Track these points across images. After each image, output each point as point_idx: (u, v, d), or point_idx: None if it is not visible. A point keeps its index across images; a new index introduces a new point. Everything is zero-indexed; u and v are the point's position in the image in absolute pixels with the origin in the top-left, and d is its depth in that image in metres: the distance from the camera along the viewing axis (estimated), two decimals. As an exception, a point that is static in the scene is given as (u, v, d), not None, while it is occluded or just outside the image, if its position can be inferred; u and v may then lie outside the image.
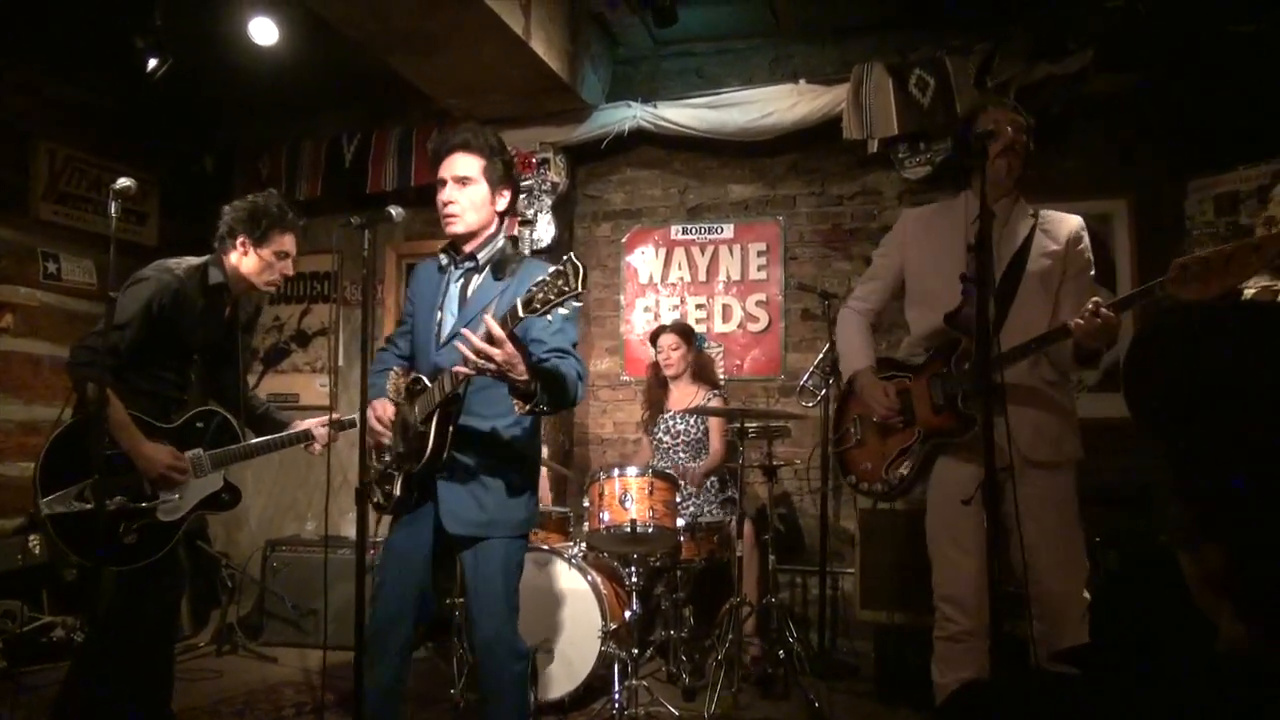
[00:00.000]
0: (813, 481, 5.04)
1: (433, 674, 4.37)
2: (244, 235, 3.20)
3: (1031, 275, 2.85)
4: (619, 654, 3.77)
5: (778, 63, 5.36)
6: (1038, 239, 2.88)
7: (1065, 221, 2.91)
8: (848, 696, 4.04)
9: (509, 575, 2.64)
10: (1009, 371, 2.64)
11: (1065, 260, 2.85)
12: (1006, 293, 2.85)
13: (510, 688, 2.62)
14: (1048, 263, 2.85)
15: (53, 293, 5.45)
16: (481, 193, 2.64)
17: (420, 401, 2.56)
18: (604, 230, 5.72)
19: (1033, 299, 2.83)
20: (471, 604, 2.64)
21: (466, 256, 2.68)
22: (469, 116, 5.50)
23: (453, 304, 2.68)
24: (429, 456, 2.52)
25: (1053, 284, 2.85)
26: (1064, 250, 2.86)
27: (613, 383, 5.64)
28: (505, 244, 2.72)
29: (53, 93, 5.48)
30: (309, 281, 6.20)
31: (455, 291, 2.69)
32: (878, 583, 4.07)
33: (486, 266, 2.67)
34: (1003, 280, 2.85)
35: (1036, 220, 2.90)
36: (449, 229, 2.65)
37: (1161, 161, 4.58)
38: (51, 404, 5.38)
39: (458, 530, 2.60)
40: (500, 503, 2.61)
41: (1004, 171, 2.85)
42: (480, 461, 2.60)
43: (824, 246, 5.28)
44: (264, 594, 5.17)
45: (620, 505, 3.75)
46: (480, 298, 2.62)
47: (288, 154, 6.01)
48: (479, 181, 2.63)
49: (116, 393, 2.90)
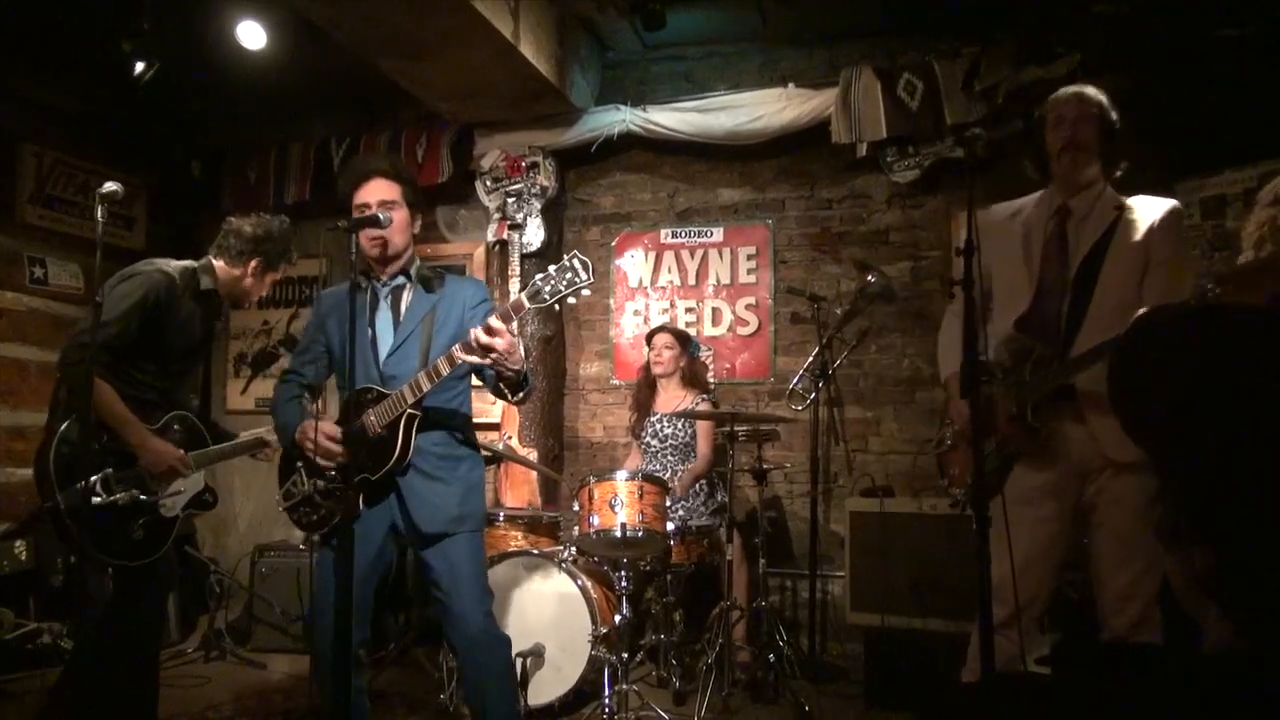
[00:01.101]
0: (802, 485, 5.04)
1: (421, 678, 4.35)
2: (260, 260, 3.27)
3: (1110, 272, 2.69)
4: (609, 658, 3.75)
5: (766, 67, 5.37)
6: (1119, 232, 2.72)
7: (1153, 206, 2.73)
8: (837, 700, 4.04)
9: (481, 567, 2.78)
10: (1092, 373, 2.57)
11: (1149, 249, 2.67)
12: (1084, 292, 2.71)
13: (505, 673, 2.78)
14: (1126, 257, 2.68)
15: (39, 297, 5.41)
16: (403, 216, 2.77)
17: (379, 409, 2.63)
18: (594, 234, 5.72)
19: (1112, 296, 2.67)
20: (453, 601, 2.68)
21: (396, 274, 2.81)
22: (458, 121, 5.51)
23: (385, 318, 2.80)
24: (395, 459, 2.62)
25: (1134, 278, 2.67)
26: (1145, 240, 2.68)
27: (602, 386, 5.63)
28: (421, 263, 2.88)
29: (39, 97, 5.44)
30: (297, 286, 6.18)
31: (386, 307, 2.81)
32: (868, 586, 4.07)
33: (417, 282, 2.81)
34: (1079, 279, 2.73)
35: (1121, 212, 2.74)
36: (379, 252, 2.73)
37: (1148, 164, 4.58)
38: (39, 409, 5.34)
39: (433, 529, 2.67)
40: (465, 498, 2.74)
41: (1068, 168, 2.76)
42: (438, 460, 2.72)
43: (813, 250, 5.29)
44: (252, 599, 5.14)
45: (610, 509, 3.75)
46: (417, 309, 2.77)
47: (276, 158, 5.99)
48: (400, 205, 2.76)
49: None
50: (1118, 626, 2.63)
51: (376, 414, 2.62)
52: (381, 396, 2.64)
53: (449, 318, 2.77)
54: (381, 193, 2.73)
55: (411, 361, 2.70)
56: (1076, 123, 2.75)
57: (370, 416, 2.63)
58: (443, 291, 2.80)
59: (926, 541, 3.90)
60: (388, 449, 2.62)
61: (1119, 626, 2.63)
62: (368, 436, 2.63)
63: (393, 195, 2.74)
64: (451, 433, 2.77)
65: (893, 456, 5.03)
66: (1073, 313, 2.70)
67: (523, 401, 2.77)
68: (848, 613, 4.18)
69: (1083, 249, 2.74)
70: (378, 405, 2.63)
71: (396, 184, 2.76)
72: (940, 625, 3.76)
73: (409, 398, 2.58)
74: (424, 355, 2.69)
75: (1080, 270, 2.72)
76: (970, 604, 2.32)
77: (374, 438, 2.63)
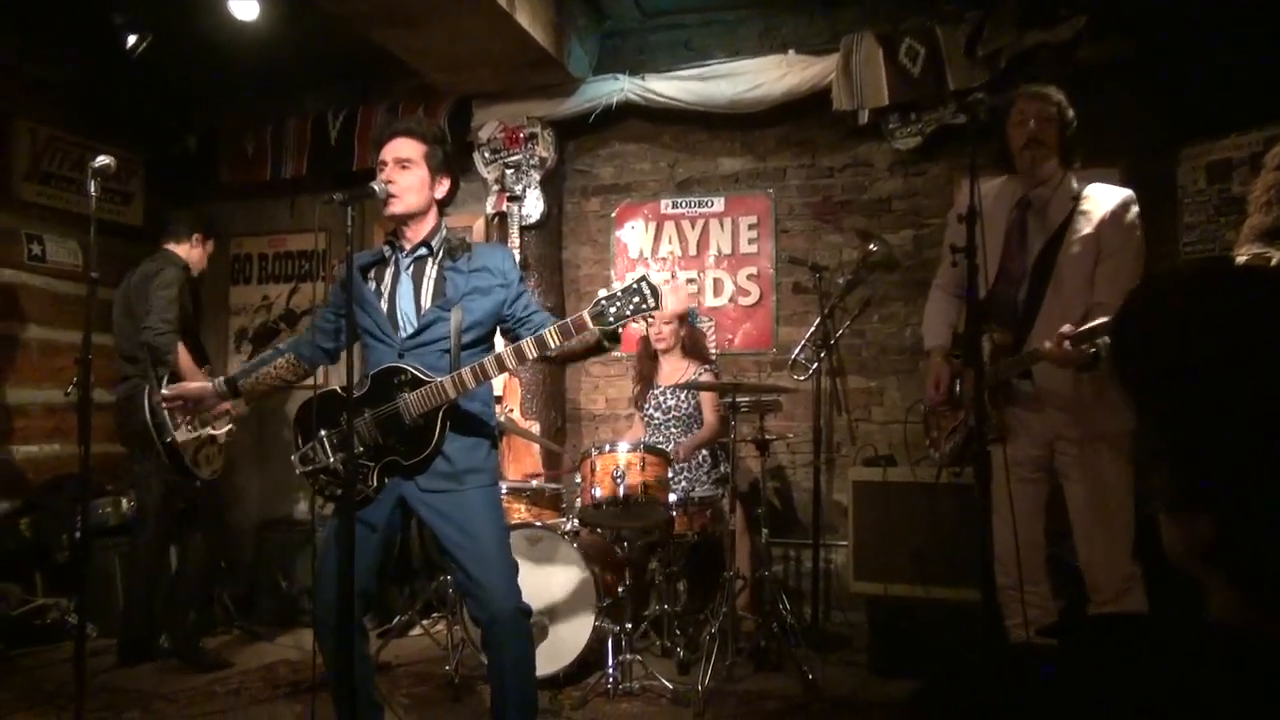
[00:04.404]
0: (805, 455, 5.04)
1: (428, 649, 4.38)
2: (200, 232, 4.40)
3: (1065, 262, 2.85)
4: (613, 629, 3.77)
5: (767, 34, 5.30)
6: (1074, 222, 2.87)
7: (1106, 198, 2.89)
8: (841, 668, 4.06)
9: (498, 525, 2.68)
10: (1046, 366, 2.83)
11: (1099, 240, 2.83)
12: (1040, 280, 2.89)
13: (525, 646, 2.65)
14: (1078, 248, 2.85)
15: (38, 274, 5.39)
16: (421, 176, 2.69)
17: (416, 396, 2.55)
18: (593, 205, 5.68)
19: (1067, 285, 2.84)
20: (469, 565, 2.58)
21: (418, 244, 2.72)
22: (455, 92, 5.45)
23: (406, 292, 2.71)
24: (432, 448, 2.57)
25: (1087, 267, 2.83)
26: (1096, 231, 2.83)
27: (604, 359, 5.61)
28: (448, 232, 2.78)
29: (33, 72, 5.39)
30: (296, 260, 6.16)
31: (407, 279, 2.72)
32: (870, 555, 4.08)
33: (440, 252, 2.72)
34: (1037, 267, 2.90)
35: (1076, 204, 2.89)
36: (389, 209, 2.68)
37: (1153, 129, 4.54)
38: (39, 387, 5.35)
39: (432, 485, 2.60)
40: (464, 454, 2.64)
41: (1029, 163, 2.95)
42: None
43: (815, 219, 5.25)
44: (257, 573, 5.16)
45: (612, 480, 3.74)
46: (442, 285, 2.68)
47: (273, 132, 5.94)
48: (420, 165, 2.68)
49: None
50: (1105, 598, 2.84)
51: (413, 401, 2.55)
52: (417, 381, 2.56)
53: (480, 291, 2.69)
54: (399, 150, 2.67)
55: (438, 341, 2.63)
56: (1038, 121, 2.93)
57: (407, 401, 2.55)
58: (470, 263, 2.70)
59: (929, 510, 3.90)
60: (424, 438, 2.55)
61: (1106, 598, 2.84)
62: (404, 422, 2.56)
63: (411, 154, 2.67)
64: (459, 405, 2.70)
65: (895, 426, 5.01)
66: (1029, 300, 2.90)
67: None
68: (851, 582, 4.19)
69: (1040, 240, 2.92)
70: (414, 391, 2.55)
71: (419, 143, 2.69)
72: (943, 593, 3.77)
73: (450, 391, 2.51)
74: (456, 335, 2.62)
75: (1038, 260, 2.91)
76: (973, 572, 2.44)
77: (410, 424, 2.56)
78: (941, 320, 3.25)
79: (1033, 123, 2.91)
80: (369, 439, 2.60)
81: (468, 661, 3.85)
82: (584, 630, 3.76)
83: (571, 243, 5.71)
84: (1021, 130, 2.94)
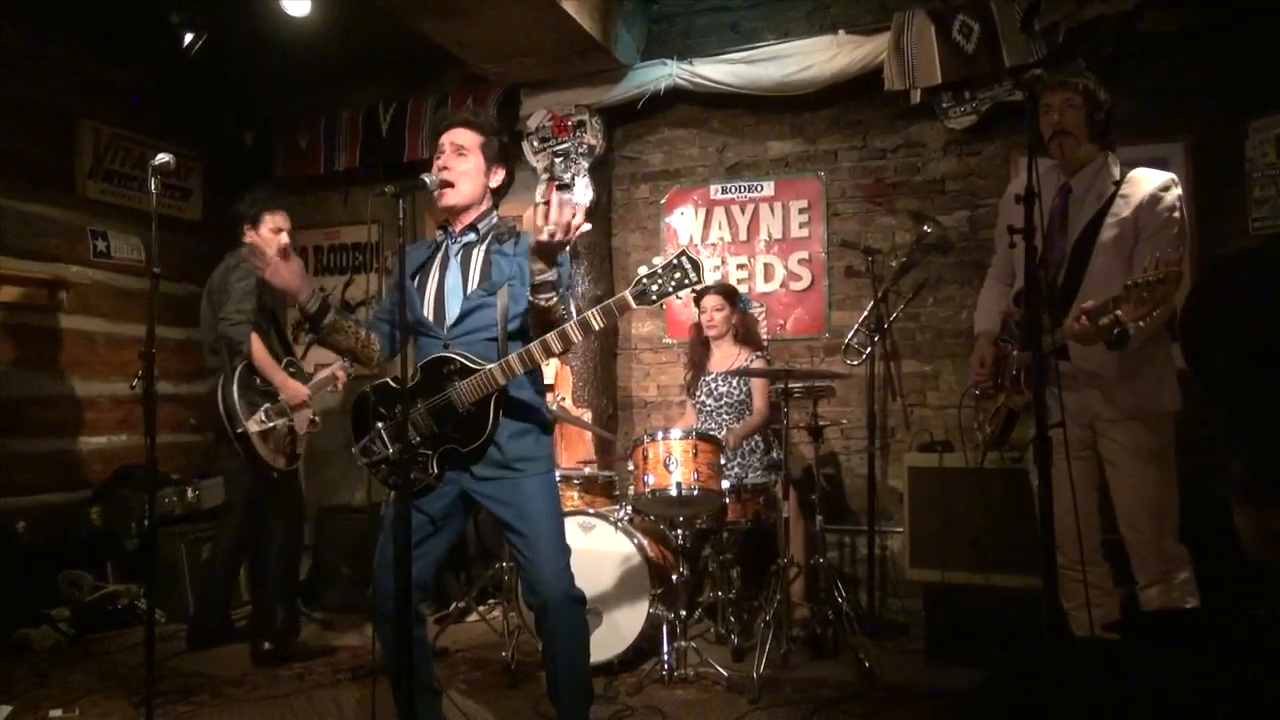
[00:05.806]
0: (859, 441, 4.99)
1: (485, 635, 4.43)
2: (247, 221, 4.22)
3: (1103, 244, 2.87)
4: (667, 616, 3.78)
5: (815, 13, 5.23)
6: (1115, 205, 2.89)
7: (1146, 181, 2.90)
8: (898, 655, 4.02)
9: (552, 512, 2.71)
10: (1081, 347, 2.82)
11: (1137, 223, 2.85)
12: (1078, 264, 2.91)
13: (577, 632, 2.69)
14: (1116, 230, 2.86)
15: (103, 270, 5.53)
16: (476, 163, 2.75)
17: (466, 385, 2.58)
18: (643, 192, 5.67)
19: (1104, 269, 2.85)
20: (524, 550, 2.64)
21: (465, 229, 2.78)
22: (503, 81, 5.47)
23: (455, 277, 2.75)
24: (487, 436, 2.60)
25: (1125, 249, 2.85)
26: (1135, 214, 2.85)
27: (655, 345, 5.61)
28: (498, 218, 2.83)
29: (94, 72, 5.52)
30: (350, 252, 6.25)
31: (456, 265, 2.76)
32: (927, 541, 4.02)
33: (489, 237, 2.76)
34: (1075, 251, 2.93)
35: (1118, 186, 2.91)
36: (443, 200, 2.72)
37: (1219, 102, 4.39)
38: (108, 380, 5.51)
39: (487, 473, 2.65)
40: (516, 441, 2.68)
41: (1059, 153, 2.97)
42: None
43: (867, 202, 5.18)
44: (319, 559, 5.27)
45: (665, 468, 3.75)
46: (489, 271, 2.71)
47: (325, 125, 6.02)
48: (475, 153, 2.75)
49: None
50: (1150, 579, 2.87)
51: (464, 389, 2.58)
52: (466, 370, 2.59)
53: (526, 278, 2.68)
54: (457, 138, 2.75)
55: (484, 329, 2.67)
56: (1062, 111, 2.94)
57: (458, 390, 2.59)
58: (517, 249, 2.73)
59: (986, 496, 3.83)
60: (478, 425, 2.59)
61: (1151, 579, 2.86)
62: (457, 411, 2.60)
63: (468, 142, 2.74)
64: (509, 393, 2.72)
65: (950, 411, 4.93)
66: (1067, 283, 2.92)
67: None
68: (907, 568, 4.14)
69: (1080, 224, 2.94)
70: (464, 380, 2.59)
71: (475, 133, 2.76)
72: (1002, 580, 3.71)
73: (500, 379, 2.55)
74: (503, 321, 2.65)
75: (1076, 243, 2.94)
76: (1030, 559, 2.44)
77: (463, 413, 2.59)
78: (993, 307, 3.27)
79: (1057, 114, 2.93)
80: (425, 428, 2.63)
81: (524, 647, 3.88)
82: (638, 617, 3.78)
83: (621, 230, 5.71)
84: (1048, 121, 2.96)
